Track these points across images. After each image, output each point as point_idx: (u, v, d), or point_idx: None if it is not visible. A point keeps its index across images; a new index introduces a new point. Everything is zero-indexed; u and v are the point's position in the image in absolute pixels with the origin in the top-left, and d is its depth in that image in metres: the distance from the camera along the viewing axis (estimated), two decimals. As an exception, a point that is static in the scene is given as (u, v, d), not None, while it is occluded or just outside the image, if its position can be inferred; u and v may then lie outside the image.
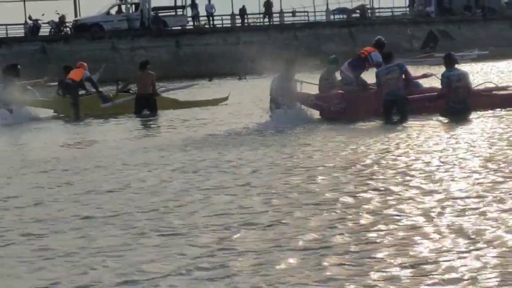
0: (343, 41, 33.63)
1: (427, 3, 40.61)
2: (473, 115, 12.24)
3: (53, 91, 18.25)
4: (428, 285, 3.94)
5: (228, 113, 15.62)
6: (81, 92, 17.35)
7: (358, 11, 42.32)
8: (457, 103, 12.39)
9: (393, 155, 8.64)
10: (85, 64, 17.91)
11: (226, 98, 17.81)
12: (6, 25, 37.66)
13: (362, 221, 5.32)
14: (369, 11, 42.82)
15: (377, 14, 43.70)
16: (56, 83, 18.22)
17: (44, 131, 14.54)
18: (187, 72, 30.89)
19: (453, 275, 4.08)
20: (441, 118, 12.07)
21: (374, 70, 12.93)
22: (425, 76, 14.47)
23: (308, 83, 13.77)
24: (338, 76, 13.69)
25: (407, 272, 4.14)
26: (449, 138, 9.87)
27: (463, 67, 15.10)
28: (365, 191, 6.47)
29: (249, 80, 26.06)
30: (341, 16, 42.11)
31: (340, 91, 13.27)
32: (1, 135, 14.13)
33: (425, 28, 36.04)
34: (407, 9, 43.57)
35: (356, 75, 13.37)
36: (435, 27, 36.46)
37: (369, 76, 13.32)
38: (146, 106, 16.90)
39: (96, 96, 17.26)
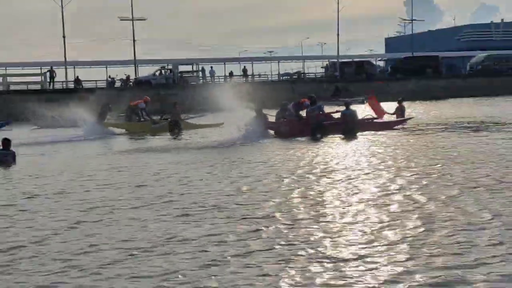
0: (287, 92, 41.67)
1: (335, 70, 56.73)
2: (359, 136, 17.18)
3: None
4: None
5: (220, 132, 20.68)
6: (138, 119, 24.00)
7: (296, 74, 61.31)
8: (350, 128, 17.55)
9: (313, 159, 12.40)
10: (148, 98, 24.81)
11: (221, 124, 22.89)
12: (96, 81, 53.40)
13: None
14: (302, 74, 61.48)
15: (307, 76, 61.68)
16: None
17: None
18: (198, 108, 40.13)
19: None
20: (341, 136, 17.05)
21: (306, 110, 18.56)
22: (337, 111, 18.78)
23: (270, 115, 18.99)
24: (287, 112, 18.94)
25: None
26: (344, 148, 14.19)
27: (354, 106, 20.77)
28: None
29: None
30: (286, 77, 59.57)
31: (286, 120, 18.69)
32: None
33: (333, 84, 49.63)
34: (324, 73, 60.58)
35: (296, 112, 18.96)
36: (339, 84, 49.71)
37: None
38: (176, 128, 22.37)
39: (149, 122, 23.83)
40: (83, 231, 6.97)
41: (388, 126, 19.36)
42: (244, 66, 60.05)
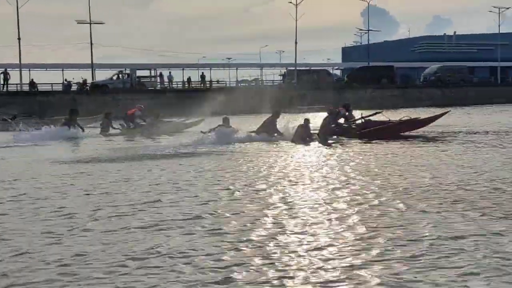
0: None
1: (293, 78, 57.41)
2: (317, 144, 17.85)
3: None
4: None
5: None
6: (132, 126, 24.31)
7: (254, 81, 62.36)
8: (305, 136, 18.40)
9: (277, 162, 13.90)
10: (142, 107, 25.34)
11: (202, 119, 24.94)
12: (52, 83, 52.40)
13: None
14: (260, 81, 62.58)
15: (265, 83, 62.21)
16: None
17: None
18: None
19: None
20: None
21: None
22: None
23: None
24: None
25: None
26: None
27: (312, 114, 24.52)
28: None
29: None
30: (244, 84, 60.27)
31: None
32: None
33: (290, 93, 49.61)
34: (282, 81, 61.69)
35: (334, 121, 19.58)
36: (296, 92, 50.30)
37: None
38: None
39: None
40: None
41: (427, 122, 20.63)
42: (202, 72, 60.18)
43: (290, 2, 59.89)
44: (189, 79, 57.91)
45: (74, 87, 51.28)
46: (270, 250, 6.08)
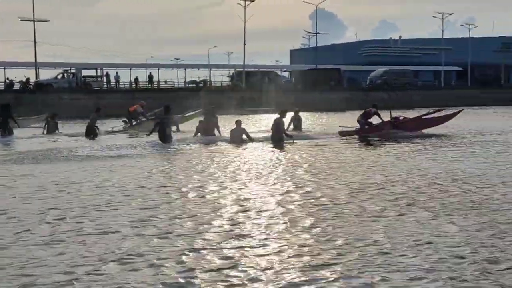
0: (194, 100, 38.60)
1: (241, 80, 57.92)
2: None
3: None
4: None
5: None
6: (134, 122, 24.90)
7: (202, 82, 62.33)
8: (278, 138, 18.55)
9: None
10: (143, 102, 26.20)
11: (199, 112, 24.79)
12: None
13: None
14: (208, 82, 62.68)
15: (213, 84, 62.86)
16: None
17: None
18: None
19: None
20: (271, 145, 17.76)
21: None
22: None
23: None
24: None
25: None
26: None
27: (262, 115, 27.32)
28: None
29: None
30: (192, 85, 59.76)
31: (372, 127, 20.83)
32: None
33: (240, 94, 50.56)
34: (230, 82, 62.13)
35: (366, 120, 21.10)
36: (244, 94, 51.72)
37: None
38: (92, 133, 22.46)
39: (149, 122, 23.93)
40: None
41: (445, 119, 22.34)
42: (150, 73, 59.53)
43: (239, 4, 59.93)
44: (136, 79, 57.21)
45: (16, 86, 50.26)
46: (218, 253, 5.99)
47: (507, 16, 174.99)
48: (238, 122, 19.15)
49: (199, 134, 19.97)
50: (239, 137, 18.66)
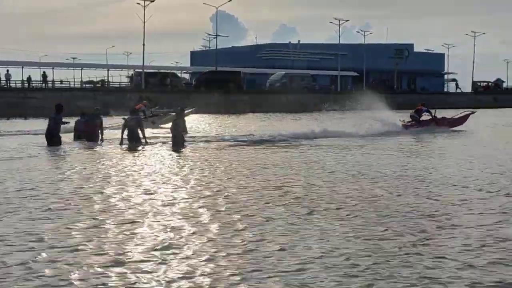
0: (90, 100, 43.86)
1: (140, 81, 57.47)
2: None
3: None
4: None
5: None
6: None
7: (100, 82, 61.24)
8: (178, 141, 18.25)
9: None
10: (146, 102, 29.04)
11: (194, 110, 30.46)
12: None
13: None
14: (106, 83, 61.39)
15: (111, 85, 61.90)
16: None
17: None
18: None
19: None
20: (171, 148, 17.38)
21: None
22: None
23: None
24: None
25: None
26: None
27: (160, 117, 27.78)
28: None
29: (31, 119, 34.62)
30: (90, 85, 58.76)
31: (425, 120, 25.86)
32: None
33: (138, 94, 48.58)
34: (129, 83, 61.63)
35: (419, 116, 25.89)
36: (143, 94, 47.44)
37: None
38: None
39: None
40: None
41: (464, 119, 27.51)
42: (44, 72, 57.64)
43: (138, 4, 58.99)
44: (29, 78, 55.03)
45: None
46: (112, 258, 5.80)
47: (400, 25, 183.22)
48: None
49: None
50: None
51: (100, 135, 19.26)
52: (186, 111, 27.43)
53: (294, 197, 9.27)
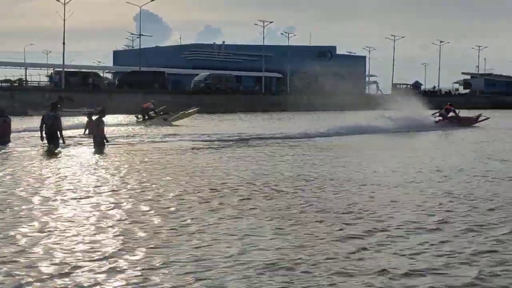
0: (7, 100, 42.30)
1: (60, 80, 56.17)
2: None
3: None
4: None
5: None
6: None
7: (17, 81, 58.34)
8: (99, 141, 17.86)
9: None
10: (153, 101, 32.30)
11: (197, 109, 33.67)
12: None
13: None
14: (24, 82, 58.90)
15: (30, 84, 59.27)
16: None
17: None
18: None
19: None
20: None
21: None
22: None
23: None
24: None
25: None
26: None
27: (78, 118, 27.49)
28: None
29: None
30: (6, 84, 55.75)
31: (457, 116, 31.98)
32: None
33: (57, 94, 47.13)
34: (49, 82, 59.18)
35: (448, 114, 31.60)
36: (62, 94, 45.68)
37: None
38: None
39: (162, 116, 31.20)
40: None
41: (477, 120, 33.23)
42: (-45, 70, 55.07)
43: (58, 1, 57.49)
44: None
45: None
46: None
47: (323, 28, 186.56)
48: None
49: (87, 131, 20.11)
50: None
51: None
52: (189, 111, 32.40)
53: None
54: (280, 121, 39.10)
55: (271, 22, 79.26)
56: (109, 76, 77.92)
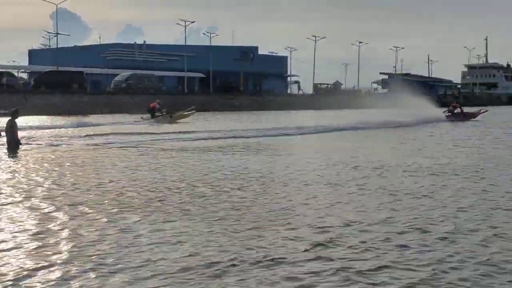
0: None
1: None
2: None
3: None
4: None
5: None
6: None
7: None
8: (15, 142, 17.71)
9: None
10: (158, 101, 35.83)
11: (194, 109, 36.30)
12: None
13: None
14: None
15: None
16: None
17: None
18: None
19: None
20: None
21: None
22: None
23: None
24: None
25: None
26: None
27: None
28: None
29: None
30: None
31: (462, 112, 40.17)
32: None
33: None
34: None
35: (454, 110, 39.78)
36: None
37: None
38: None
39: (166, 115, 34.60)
40: None
41: (478, 114, 40.16)
42: None
43: (-31, -4, 55.06)
44: None
45: None
46: None
47: (246, 27, 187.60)
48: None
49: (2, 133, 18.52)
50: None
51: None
52: (186, 112, 35.64)
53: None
54: (207, 121, 38.92)
55: (192, 22, 79.12)
56: (25, 76, 75.45)
